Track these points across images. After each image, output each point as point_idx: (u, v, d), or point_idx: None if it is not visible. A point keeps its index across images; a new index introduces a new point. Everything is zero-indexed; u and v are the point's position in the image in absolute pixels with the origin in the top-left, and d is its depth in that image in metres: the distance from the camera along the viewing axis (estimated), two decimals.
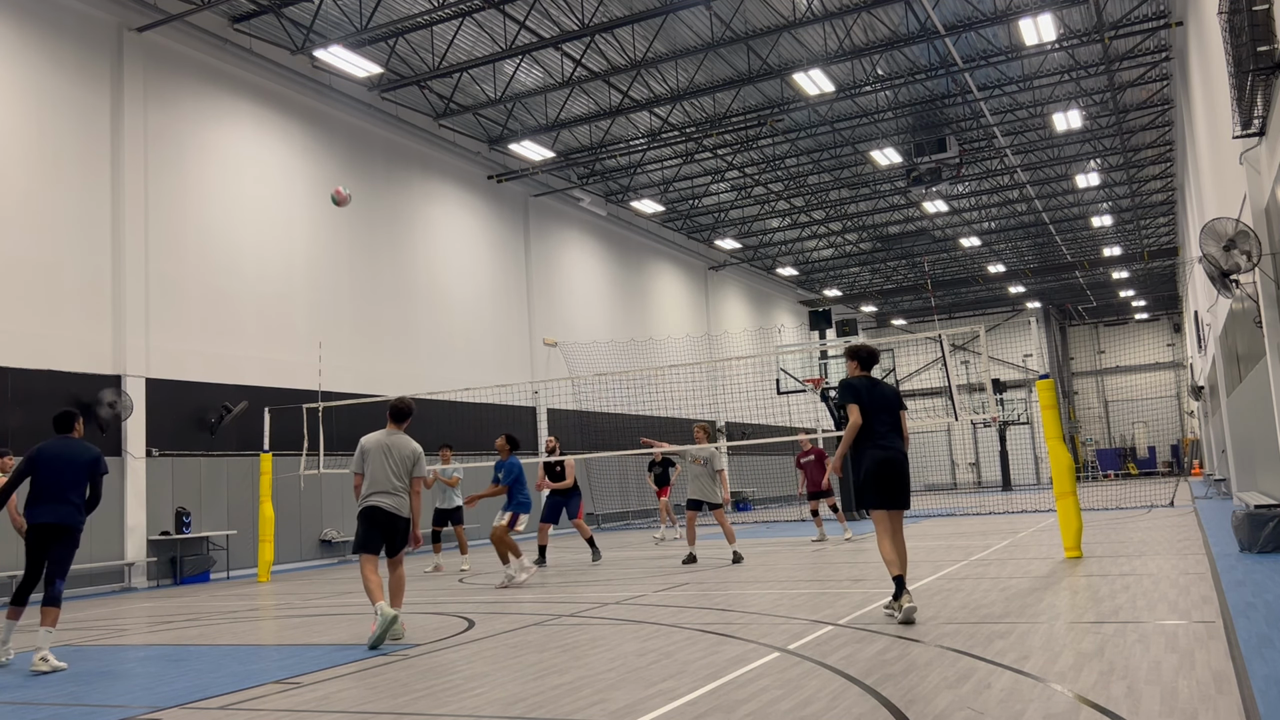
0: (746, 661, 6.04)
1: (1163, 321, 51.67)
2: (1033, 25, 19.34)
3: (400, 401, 8.37)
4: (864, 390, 7.55)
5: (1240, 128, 10.33)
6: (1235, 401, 18.06)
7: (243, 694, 6.02)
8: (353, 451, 8.47)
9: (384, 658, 7.05)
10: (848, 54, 20.59)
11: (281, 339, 18.54)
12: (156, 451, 16.09)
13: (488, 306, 24.47)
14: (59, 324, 14.98)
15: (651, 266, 32.77)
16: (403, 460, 8.12)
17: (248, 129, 18.57)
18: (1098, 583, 8.87)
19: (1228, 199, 13.52)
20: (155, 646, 8.50)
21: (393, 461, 8.07)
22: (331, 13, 18.44)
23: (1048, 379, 11.92)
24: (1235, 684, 4.81)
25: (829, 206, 32.80)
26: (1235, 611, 6.79)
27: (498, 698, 5.46)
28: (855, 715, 4.63)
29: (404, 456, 8.13)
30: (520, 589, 11.44)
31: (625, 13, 18.73)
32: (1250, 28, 8.54)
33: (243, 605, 11.70)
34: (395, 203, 21.87)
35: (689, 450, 13.40)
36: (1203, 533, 13.35)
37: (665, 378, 28.06)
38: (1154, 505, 20.46)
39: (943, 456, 49.96)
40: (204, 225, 17.45)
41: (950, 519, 20.55)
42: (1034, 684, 5.03)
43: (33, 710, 5.93)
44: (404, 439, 8.22)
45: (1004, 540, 14.12)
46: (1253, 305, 11.28)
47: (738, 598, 9.33)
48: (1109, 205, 35.53)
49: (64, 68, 15.50)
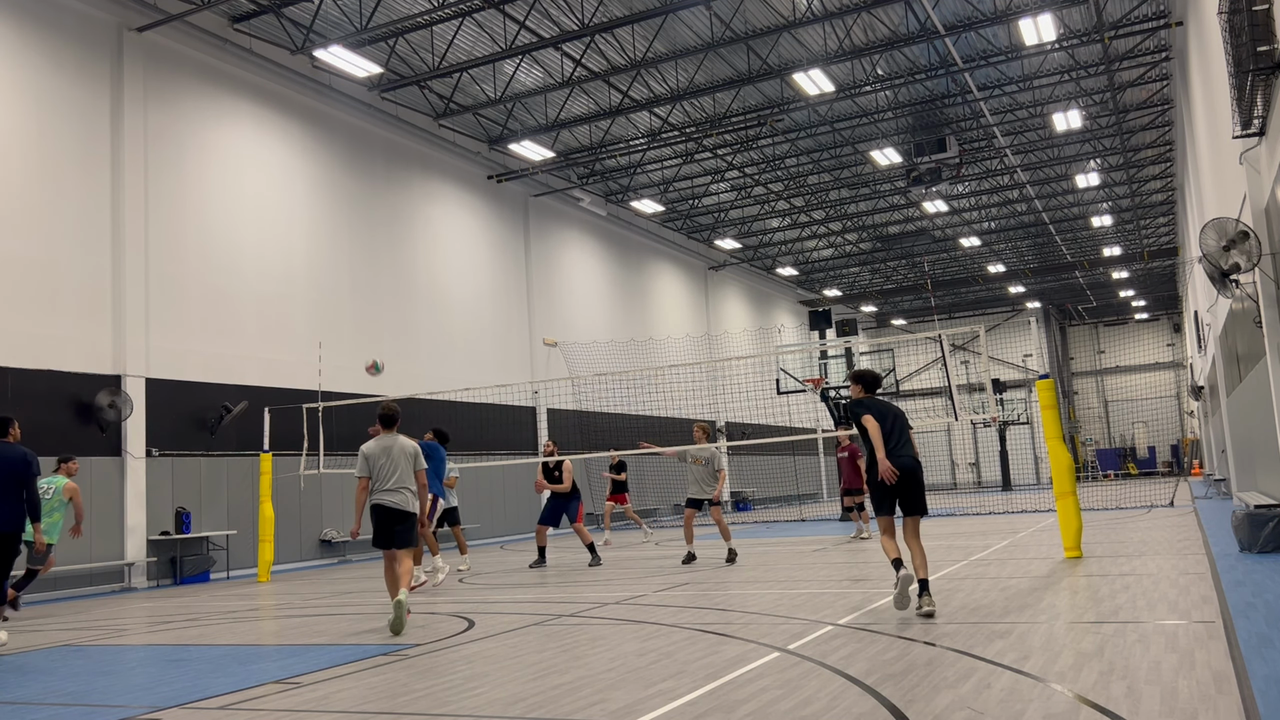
0: (746, 661, 6.04)
1: (1163, 321, 51.68)
2: (1033, 25, 19.34)
3: (386, 408, 8.96)
4: (874, 406, 8.06)
5: (1240, 128, 10.33)
6: (1235, 401, 18.06)
7: (243, 694, 6.02)
8: (352, 451, 8.66)
9: (384, 657, 7.06)
10: (848, 54, 20.59)
11: (281, 339, 18.54)
12: (156, 451, 16.09)
13: (488, 306, 24.47)
14: (59, 324, 14.97)
15: (651, 266, 32.78)
16: (404, 460, 8.71)
17: (248, 129, 18.57)
18: (1098, 583, 8.87)
19: (1228, 199, 13.52)
20: (155, 646, 8.50)
21: (393, 463, 8.64)
22: (331, 13, 18.44)
23: (1048, 379, 11.92)
24: (1235, 684, 4.81)
25: (829, 206, 32.80)
26: (1235, 611, 6.79)
27: (498, 698, 5.46)
28: (855, 715, 4.63)
29: (405, 456, 8.73)
30: (524, 587, 11.44)
31: (625, 13, 18.72)
32: (1250, 28, 8.54)
33: (243, 605, 11.70)
34: (395, 203, 21.87)
35: (689, 450, 13.39)
36: (1203, 533, 13.36)
37: (665, 378, 28.07)
38: (1154, 505, 20.46)
39: (943, 456, 49.96)
40: (204, 225, 17.45)
41: (950, 519, 20.55)
42: (1034, 684, 5.04)
43: (33, 710, 5.93)
44: (399, 440, 8.77)
45: (1004, 540, 14.13)
46: (1253, 305, 11.28)
47: (737, 598, 9.33)
48: (1109, 205, 35.53)
49: (64, 68, 15.50)
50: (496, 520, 23.19)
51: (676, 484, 31.31)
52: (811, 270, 41.93)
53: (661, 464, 30.24)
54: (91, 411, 15.09)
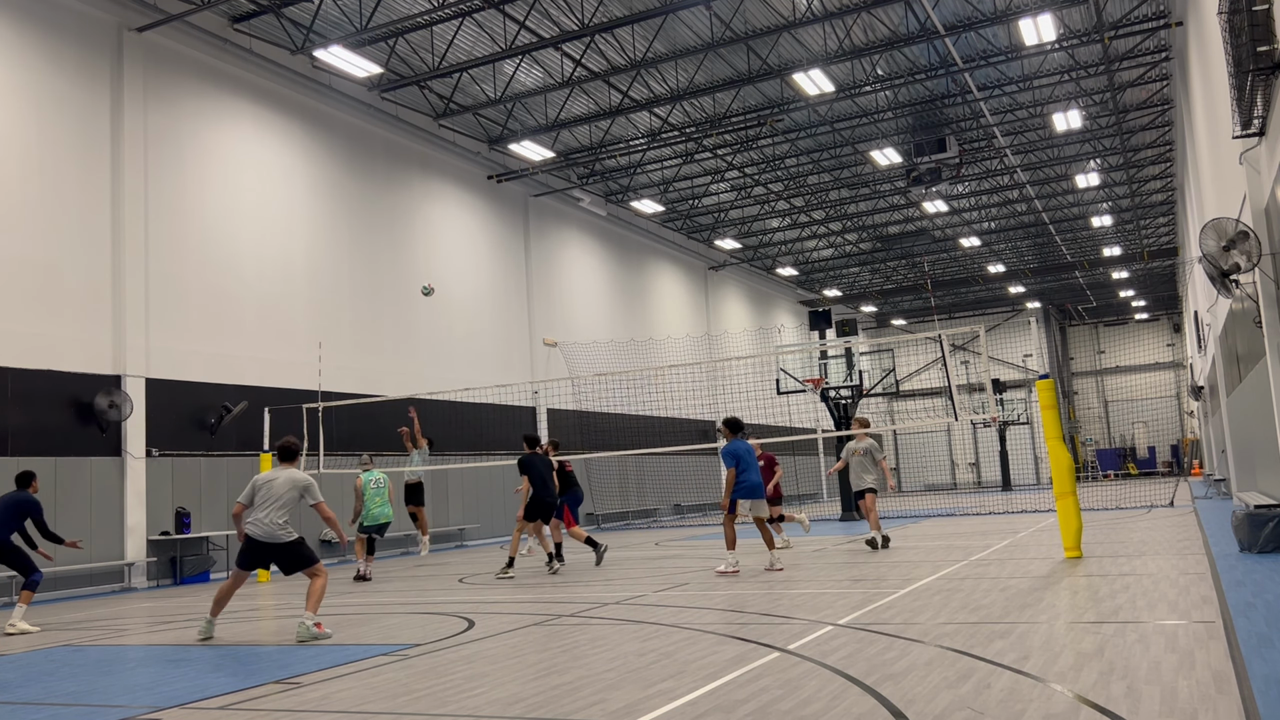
0: (746, 661, 6.04)
1: (1163, 321, 51.68)
2: (1033, 25, 19.34)
3: (285, 443, 9.28)
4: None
5: (1240, 128, 10.33)
6: (1235, 401, 18.06)
7: (243, 694, 6.02)
8: (353, 452, 8.72)
9: (384, 657, 7.06)
10: (848, 54, 20.59)
11: (281, 339, 18.53)
12: (156, 451, 16.09)
13: (488, 306, 24.47)
14: (59, 324, 14.97)
15: (651, 266, 32.77)
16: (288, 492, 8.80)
17: (248, 129, 18.56)
18: (1098, 583, 8.87)
19: (1228, 199, 13.52)
20: (155, 646, 8.50)
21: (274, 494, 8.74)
22: (331, 13, 18.44)
23: (1047, 379, 11.92)
24: (1235, 684, 4.81)
25: (829, 206, 32.80)
26: (1235, 611, 6.78)
27: (498, 698, 5.46)
28: (855, 715, 4.63)
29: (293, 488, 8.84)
30: (524, 587, 11.44)
31: (625, 13, 18.72)
32: (1250, 28, 8.54)
33: (243, 605, 11.69)
34: (395, 203, 21.87)
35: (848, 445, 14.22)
36: (1202, 533, 13.35)
37: (665, 378, 28.06)
38: (1154, 505, 20.45)
39: (943, 456, 49.97)
40: (204, 225, 17.45)
41: (950, 519, 20.55)
42: (1034, 684, 5.03)
43: (33, 710, 5.93)
44: (288, 474, 8.91)
45: (1004, 540, 14.12)
46: (1253, 305, 11.28)
47: (737, 598, 9.33)
48: (1109, 205, 35.53)
49: (64, 68, 15.49)
50: (496, 520, 23.19)
51: (677, 484, 31.33)
52: (811, 270, 41.93)
53: (662, 464, 30.26)
54: (92, 411, 15.09)
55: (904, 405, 49.52)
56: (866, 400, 30.48)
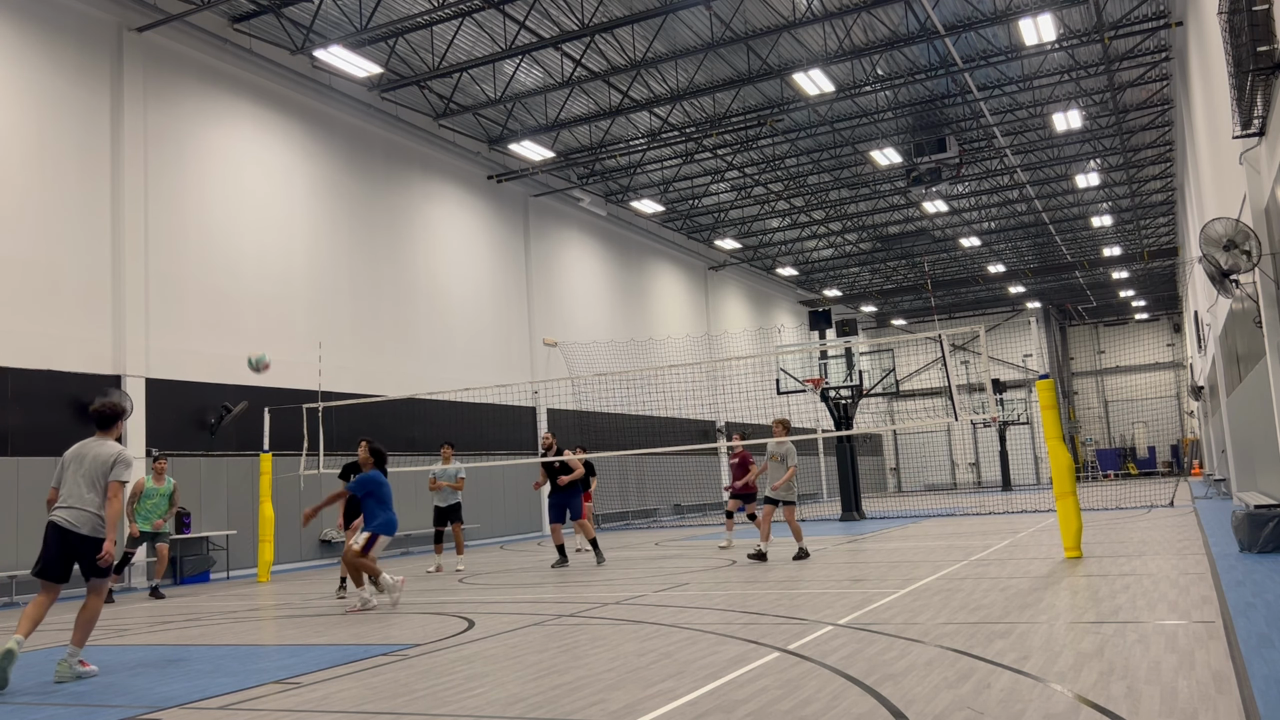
0: (746, 661, 6.04)
1: (1163, 321, 51.68)
2: (1033, 25, 19.34)
3: (100, 406, 7.25)
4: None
5: (1240, 128, 10.33)
6: (1235, 401, 18.06)
7: (243, 694, 6.02)
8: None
9: (384, 657, 7.06)
10: (848, 54, 20.59)
11: (281, 339, 18.53)
12: (156, 451, 16.08)
13: (488, 306, 24.47)
14: (59, 324, 14.97)
15: (651, 266, 32.77)
16: (97, 470, 6.97)
17: (248, 129, 18.56)
18: (1098, 583, 8.87)
19: (1228, 199, 13.53)
20: (155, 646, 8.50)
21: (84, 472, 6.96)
22: (331, 13, 18.44)
23: (1048, 379, 11.92)
24: (1235, 684, 4.81)
25: (829, 206, 32.80)
26: (1235, 611, 6.79)
27: (498, 698, 5.46)
28: (855, 715, 4.63)
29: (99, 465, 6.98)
30: (524, 587, 11.44)
31: (625, 13, 18.72)
32: (1250, 28, 8.54)
33: (243, 605, 11.69)
34: (395, 203, 21.87)
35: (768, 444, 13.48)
36: (1202, 533, 13.35)
37: (665, 378, 28.08)
38: (1154, 505, 20.46)
39: (943, 456, 49.99)
40: (204, 225, 17.45)
41: (950, 519, 20.55)
42: (1034, 684, 5.03)
43: (33, 710, 5.93)
44: (101, 446, 7.07)
45: (1004, 540, 14.13)
46: (1253, 305, 11.28)
47: (737, 598, 9.33)
48: (1109, 205, 35.53)
49: (64, 68, 15.49)
50: (496, 520, 23.19)
51: (677, 484, 31.34)
52: (811, 270, 41.93)
53: (662, 464, 30.27)
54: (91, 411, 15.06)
55: (904, 405, 49.53)
56: (867, 400, 30.50)
